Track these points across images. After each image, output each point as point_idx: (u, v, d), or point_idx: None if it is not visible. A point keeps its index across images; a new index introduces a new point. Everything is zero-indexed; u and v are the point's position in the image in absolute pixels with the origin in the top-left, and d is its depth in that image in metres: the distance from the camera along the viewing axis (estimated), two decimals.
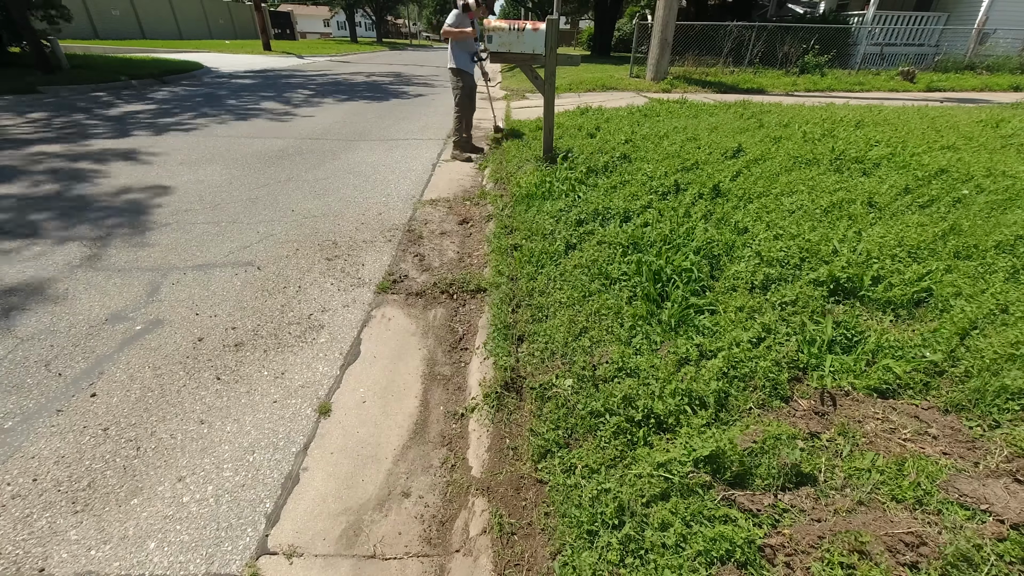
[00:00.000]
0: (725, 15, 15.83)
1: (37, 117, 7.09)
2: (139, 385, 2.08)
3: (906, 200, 3.05)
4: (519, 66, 4.39)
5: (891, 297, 2.13)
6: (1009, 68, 12.11)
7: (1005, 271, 2.24)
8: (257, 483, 1.66)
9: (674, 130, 5.21)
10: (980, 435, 1.51)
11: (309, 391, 2.09)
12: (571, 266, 2.67)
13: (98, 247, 3.26)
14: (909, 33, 13.71)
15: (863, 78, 11.31)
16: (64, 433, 1.82)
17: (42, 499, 1.57)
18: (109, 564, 1.40)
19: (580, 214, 3.23)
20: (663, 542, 1.25)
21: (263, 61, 18.16)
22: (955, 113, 6.09)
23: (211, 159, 5.29)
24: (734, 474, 1.43)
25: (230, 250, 3.27)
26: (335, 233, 3.59)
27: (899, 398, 1.69)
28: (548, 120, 4.49)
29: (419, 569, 1.42)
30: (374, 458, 1.79)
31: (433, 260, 3.29)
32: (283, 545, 1.47)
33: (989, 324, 1.92)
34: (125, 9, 25.12)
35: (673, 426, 1.63)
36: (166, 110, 8.05)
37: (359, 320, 2.59)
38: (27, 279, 2.84)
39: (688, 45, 12.36)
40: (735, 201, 3.20)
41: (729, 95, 9.21)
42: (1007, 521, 1.21)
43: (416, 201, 4.29)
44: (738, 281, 2.38)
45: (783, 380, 1.76)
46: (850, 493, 1.36)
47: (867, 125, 5.07)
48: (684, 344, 1.96)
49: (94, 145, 5.70)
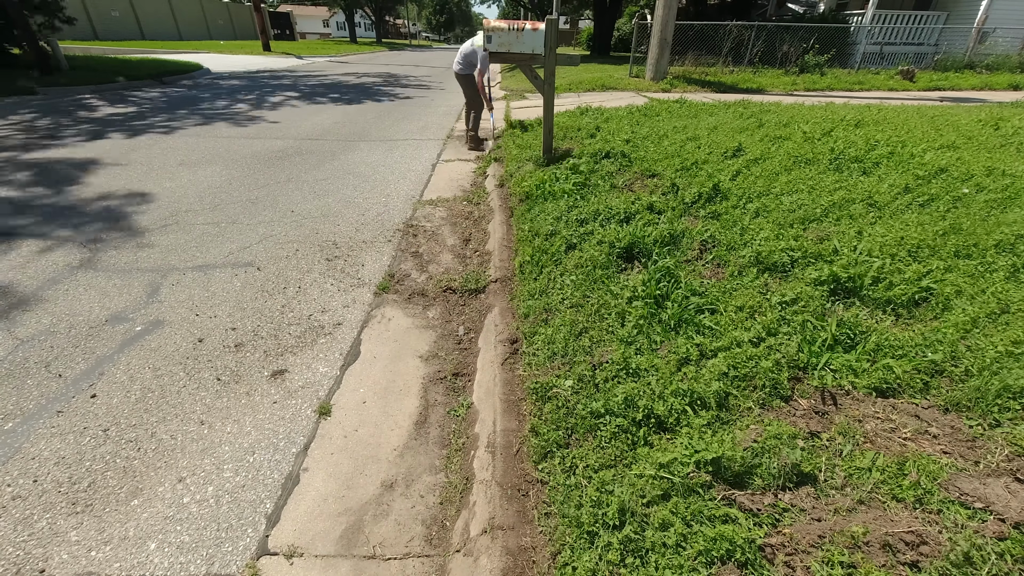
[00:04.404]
0: (724, 15, 15.82)
1: (33, 117, 7.08)
2: (139, 386, 2.08)
3: (906, 199, 3.04)
4: (519, 66, 4.39)
5: (891, 296, 2.13)
6: (1009, 67, 12.11)
7: (1005, 270, 2.24)
8: (257, 484, 1.66)
9: (674, 130, 5.21)
10: (981, 434, 1.51)
11: (309, 391, 2.09)
12: (571, 265, 2.67)
13: (97, 248, 3.26)
14: (908, 32, 13.71)
15: (863, 77, 11.30)
16: (64, 434, 1.82)
17: (42, 500, 1.58)
18: (110, 565, 1.40)
19: (580, 214, 3.23)
20: (664, 542, 1.25)
21: (262, 62, 18.17)
22: (955, 112, 6.09)
23: (210, 160, 5.29)
24: (734, 474, 1.42)
25: (230, 251, 3.27)
26: (335, 234, 3.59)
27: (899, 397, 1.69)
28: (548, 120, 4.49)
29: (419, 569, 1.42)
30: (374, 458, 1.79)
31: (433, 260, 3.29)
32: (283, 545, 1.47)
33: (990, 323, 1.92)
34: (124, 10, 25.11)
35: (674, 426, 1.62)
36: (165, 110, 8.05)
37: (359, 320, 2.59)
38: (27, 280, 2.84)
39: (688, 45, 12.35)
40: (735, 200, 3.20)
41: (729, 95, 9.20)
42: (1008, 520, 1.21)
43: (416, 201, 4.29)
44: (739, 280, 2.38)
45: (783, 379, 1.76)
46: (850, 492, 1.36)
47: (867, 124, 5.06)
48: (685, 344, 1.96)
49: (94, 145, 5.70)
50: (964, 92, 9.91)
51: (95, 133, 6.33)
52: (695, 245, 2.78)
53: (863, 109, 6.19)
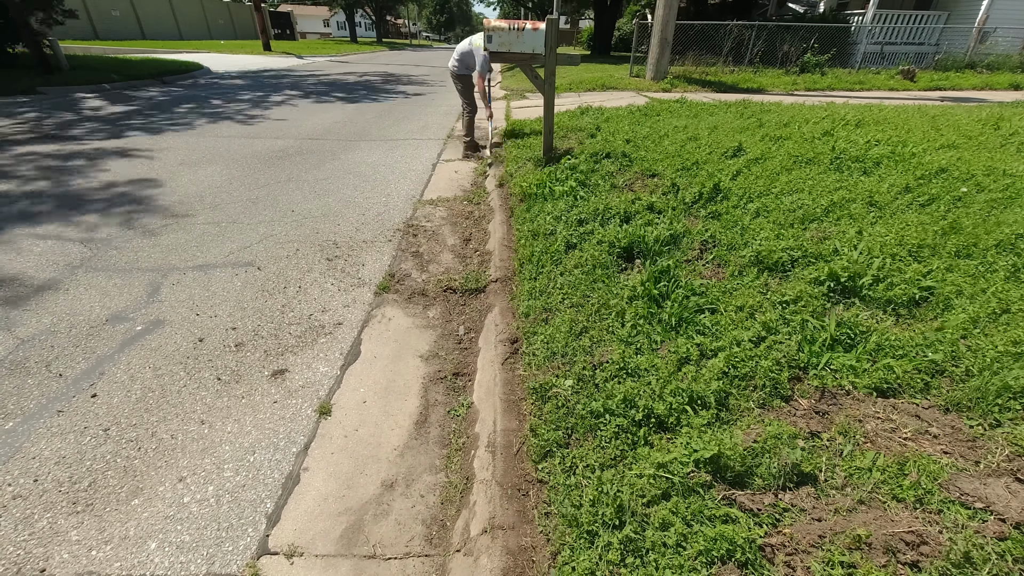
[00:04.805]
0: (725, 14, 15.81)
1: (34, 117, 7.09)
2: (140, 385, 2.08)
3: (906, 199, 3.04)
4: (519, 66, 4.39)
5: (892, 296, 2.13)
6: (1009, 67, 12.09)
7: (1006, 270, 2.24)
8: (258, 483, 1.66)
9: (674, 129, 5.21)
10: (981, 434, 1.51)
11: (309, 391, 2.09)
12: (571, 265, 2.67)
13: (98, 247, 3.26)
14: (909, 32, 13.70)
15: (863, 77, 11.29)
16: (65, 434, 1.83)
17: (43, 500, 1.58)
18: (110, 564, 1.40)
19: (580, 214, 3.23)
20: (664, 542, 1.25)
21: (263, 61, 18.17)
22: (955, 112, 6.08)
23: (211, 159, 5.29)
24: (735, 473, 1.42)
25: (230, 250, 3.27)
26: (335, 233, 3.59)
27: (900, 397, 1.68)
28: (548, 120, 4.49)
29: (419, 569, 1.42)
30: (375, 458, 1.79)
31: (433, 260, 3.29)
32: (284, 545, 1.47)
33: (990, 323, 1.92)
34: (125, 10, 25.12)
35: (674, 426, 1.62)
36: (165, 110, 8.05)
37: (359, 320, 2.59)
38: (27, 280, 2.84)
39: (688, 44, 12.33)
40: (735, 200, 3.20)
41: (729, 94, 9.20)
42: (1008, 520, 1.21)
43: (416, 201, 4.29)
44: (739, 280, 2.38)
45: (783, 379, 1.76)
46: (851, 492, 1.36)
47: (867, 124, 5.06)
48: (685, 344, 1.96)
49: (93, 145, 5.70)
50: (965, 92, 9.90)
51: (95, 132, 6.33)
52: (695, 245, 2.78)
53: (864, 109, 6.18)
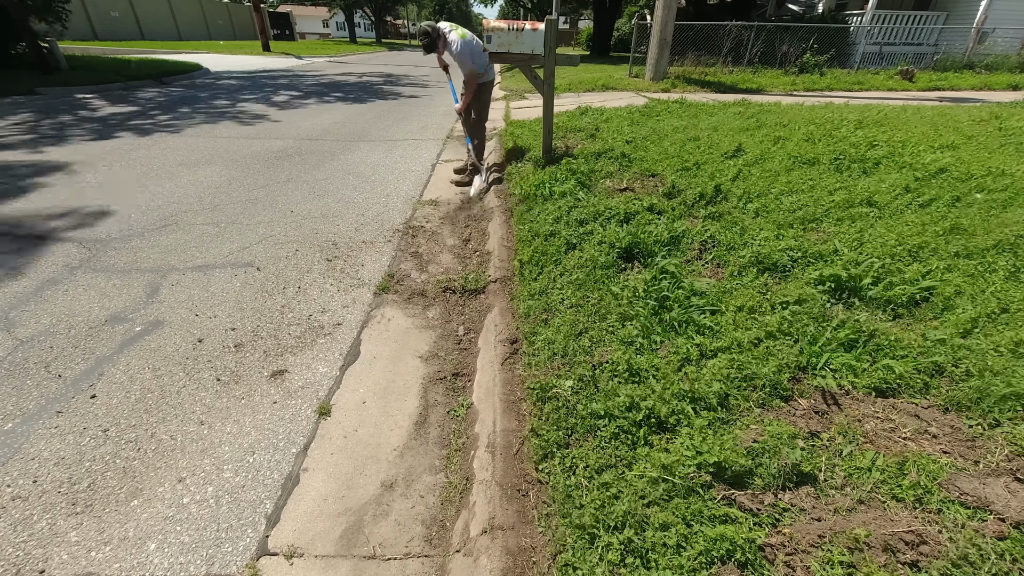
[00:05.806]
0: (724, 15, 15.81)
1: (31, 117, 7.08)
2: (139, 386, 2.07)
3: (906, 199, 3.04)
4: (518, 66, 4.38)
5: (892, 296, 2.13)
6: (1008, 67, 12.11)
7: (1005, 270, 2.24)
8: (257, 484, 1.66)
9: (674, 130, 5.21)
10: (980, 434, 1.51)
11: (309, 392, 2.09)
12: (571, 266, 2.67)
13: (96, 248, 3.25)
14: (908, 32, 13.72)
15: (862, 77, 11.31)
16: (64, 434, 1.82)
17: (42, 500, 1.57)
18: (109, 565, 1.40)
19: (580, 214, 3.23)
20: (664, 542, 1.25)
21: (262, 62, 18.16)
22: (954, 112, 6.09)
23: (210, 160, 5.28)
24: (735, 474, 1.42)
25: (230, 251, 3.26)
26: (335, 234, 3.59)
27: (899, 397, 1.69)
28: (547, 120, 4.49)
29: (419, 569, 1.42)
30: (374, 459, 1.79)
31: (432, 260, 3.28)
32: (283, 546, 1.47)
33: (990, 323, 1.92)
34: (124, 10, 25.09)
35: (674, 426, 1.62)
36: (164, 110, 8.04)
37: (359, 320, 2.59)
38: (26, 280, 2.84)
39: (687, 45, 12.34)
40: (735, 200, 3.20)
41: (728, 95, 9.20)
42: (1008, 520, 1.21)
43: (415, 201, 4.29)
44: (739, 280, 2.38)
45: (783, 379, 1.76)
46: (850, 492, 1.36)
47: (867, 124, 5.07)
48: (685, 344, 1.96)
49: (94, 145, 5.70)
50: (963, 92, 9.91)
51: (95, 133, 6.33)
52: (695, 245, 2.78)
53: (863, 109, 6.19)
